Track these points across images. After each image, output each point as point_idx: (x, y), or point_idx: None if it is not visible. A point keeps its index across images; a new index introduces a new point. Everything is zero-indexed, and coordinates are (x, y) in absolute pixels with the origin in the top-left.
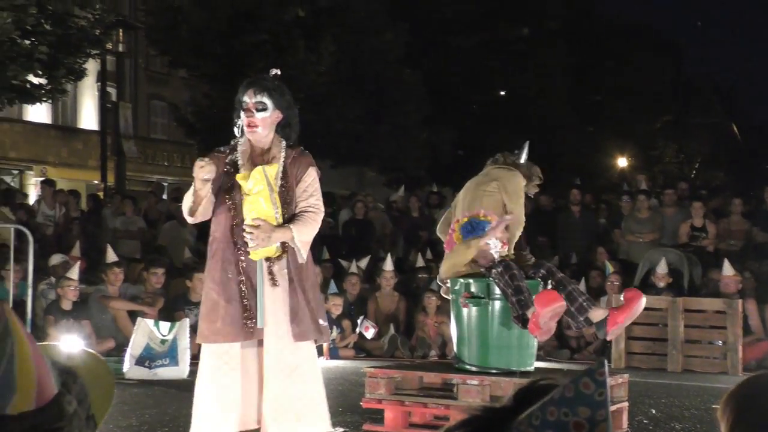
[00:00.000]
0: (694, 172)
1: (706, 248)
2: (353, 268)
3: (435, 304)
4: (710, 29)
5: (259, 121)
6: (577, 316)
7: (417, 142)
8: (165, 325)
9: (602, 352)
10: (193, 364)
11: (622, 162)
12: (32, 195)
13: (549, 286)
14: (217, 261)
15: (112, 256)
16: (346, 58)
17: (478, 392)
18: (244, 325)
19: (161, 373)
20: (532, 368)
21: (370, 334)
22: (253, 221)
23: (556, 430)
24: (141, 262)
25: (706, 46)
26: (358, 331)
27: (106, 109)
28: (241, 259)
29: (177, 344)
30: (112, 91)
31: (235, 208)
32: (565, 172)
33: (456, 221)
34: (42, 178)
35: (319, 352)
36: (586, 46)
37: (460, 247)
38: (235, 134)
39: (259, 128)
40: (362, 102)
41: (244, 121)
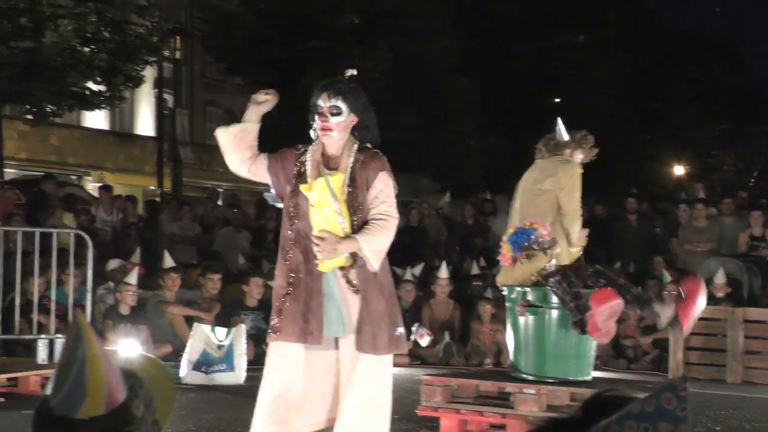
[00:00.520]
0: (753, 180)
1: (766, 258)
2: (408, 275)
3: (490, 312)
4: None
5: (333, 126)
6: (646, 308)
7: (471, 150)
8: (221, 331)
9: (659, 361)
10: (249, 370)
11: (679, 170)
12: None
13: None
14: (285, 262)
15: (169, 262)
16: (401, 65)
17: (534, 401)
18: (304, 330)
19: (218, 379)
20: (590, 378)
21: (425, 342)
22: (319, 233)
23: None
24: (197, 267)
25: (766, 52)
26: (413, 338)
27: (163, 116)
28: (308, 265)
29: (233, 350)
30: (168, 97)
31: (298, 213)
32: (621, 181)
33: (508, 231)
34: (99, 184)
35: None
36: (642, 53)
37: (537, 252)
38: (311, 137)
39: (333, 132)
40: (417, 109)
41: (318, 126)
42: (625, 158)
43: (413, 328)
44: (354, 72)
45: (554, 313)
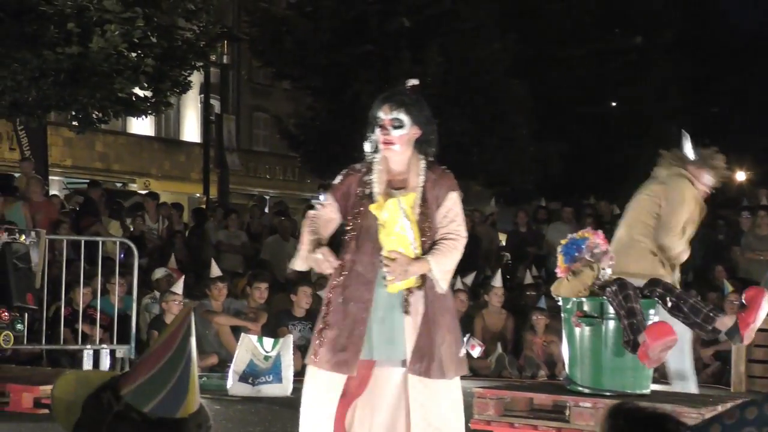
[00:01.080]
0: None
1: None
2: (459, 285)
3: (544, 323)
4: None
5: (395, 139)
6: (705, 326)
7: (524, 155)
8: (268, 341)
9: (721, 374)
10: (296, 381)
11: (741, 176)
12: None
13: (669, 304)
14: (340, 286)
15: (215, 271)
16: (452, 69)
17: (591, 415)
18: (342, 359)
19: (265, 390)
20: (648, 391)
21: (476, 353)
22: (389, 254)
23: None
24: (244, 276)
25: None
26: (465, 349)
27: (209, 122)
28: (367, 287)
29: (281, 361)
30: (215, 103)
31: (363, 235)
32: None
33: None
34: (145, 191)
35: None
36: (703, 55)
37: (584, 268)
38: (365, 149)
39: (395, 146)
40: (469, 114)
41: (380, 139)
42: None
43: (464, 339)
44: (416, 82)
45: (611, 325)
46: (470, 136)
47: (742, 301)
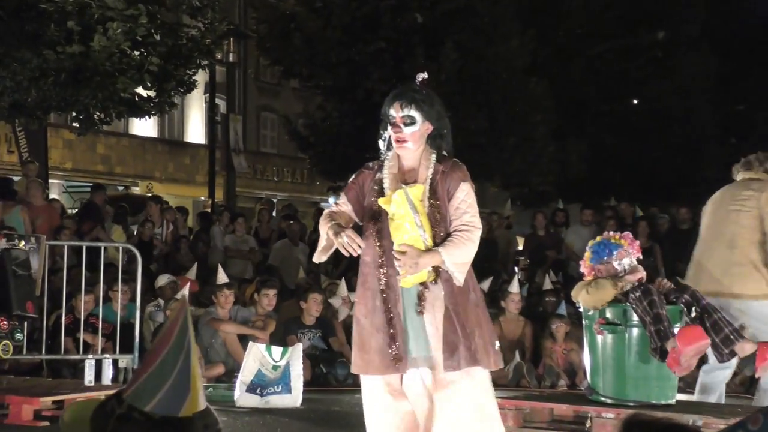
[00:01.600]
0: None
1: None
2: None
3: (564, 330)
4: None
5: (408, 136)
6: (722, 348)
7: (544, 156)
8: (277, 350)
9: (749, 384)
10: (306, 392)
11: None
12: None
13: (693, 314)
14: (366, 288)
15: (222, 277)
16: (468, 67)
17: (614, 426)
18: (392, 357)
19: (273, 401)
20: (674, 401)
21: None
22: (400, 247)
23: None
24: (252, 283)
25: None
26: None
27: (215, 122)
28: (387, 285)
29: (290, 371)
30: (221, 103)
31: (381, 231)
32: (708, 187)
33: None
34: (148, 194)
35: None
36: (729, 50)
37: (607, 282)
38: (380, 148)
39: (408, 143)
40: (485, 113)
41: (392, 137)
42: (711, 163)
43: None
44: (425, 75)
45: (635, 332)
46: (487, 136)
47: None
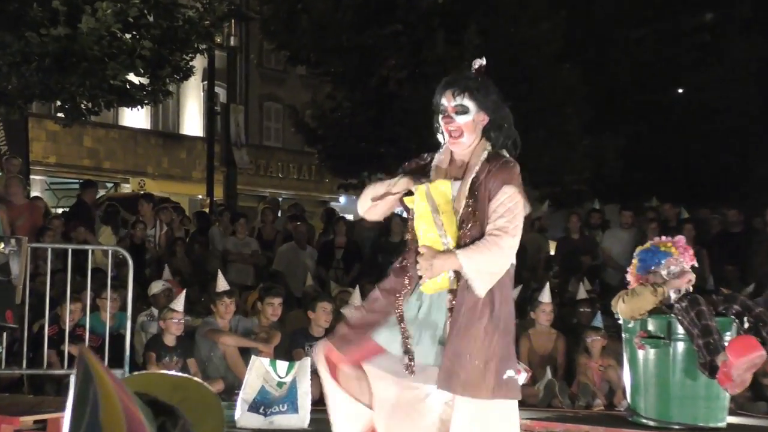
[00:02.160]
0: None
1: None
2: None
3: (600, 344)
4: None
5: (462, 126)
6: None
7: (577, 151)
8: (282, 365)
9: None
10: (314, 411)
11: None
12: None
13: (745, 324)
14: (384, 293)
15: (222, 284)
16: (493, 53)
17: None
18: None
19: (278, 421)
20: (723, 424)
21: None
22: (420, 249)
23: None
24: (255, 290)
25: None
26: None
27: (214, 113)
28: (405, 288)
29: (296, 387)
30: (220, 91)
31: (411, 228)
32: (758, 186)
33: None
34: (140, 192)
35: None
36: None
37: (644, 289)
38: (439, 141)
39: (463, 138)
40: (512, 104)
41: (444, 129)
42: (764, 161)
43: None
44: (483, 62)
45: (680, 346)
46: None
47: None
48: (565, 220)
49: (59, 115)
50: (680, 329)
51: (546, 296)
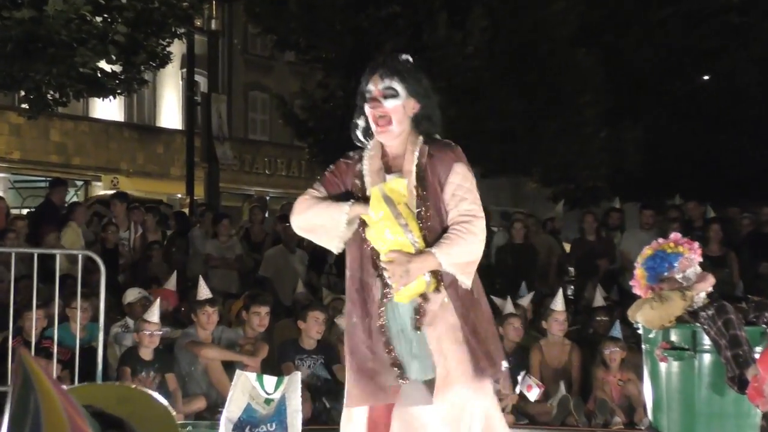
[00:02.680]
0: None
1: None
2: (510, 308)
3: (619, 356)
4: None
5: (389, 111)
6: None
7: (593, 144)
8: (270, 381)
9: None
10: (305, 430)
11: None
12: None
13: None
14: (352, 302)
15: (204, 292)
16: (501, 36)
17: None
18: (375, 388)
19: None
20: None
21: (533, 395)
22: (387, 256)
23: None
24: (240, 298)
25: None
26: (519, 390)
27: (194, 104)
28: (372, 299)
29: (285, 405)
30: (201, 80)
31: (360, 239)
32: None
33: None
34: (112, 191)
35: None
36: None
37: (674, 294)
38: (356, 139)
39: (392, 125)
40: (522, 92)
41: (370, 117)
42: None
43: (519, 378)
44: (409, 57)
45: (706, 358)
46: (523, 121)
47: None
48: (580, 221)
49: (23, 106)
50: (706, 340)
51: (559, 304)
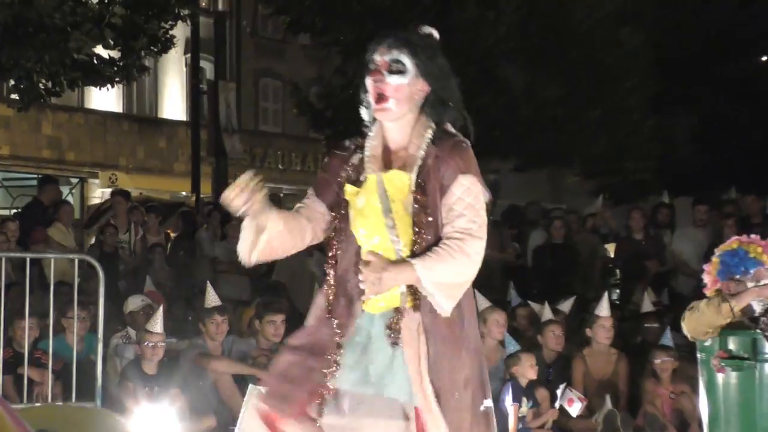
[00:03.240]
0: None
1: None
2: (549, 314)
3: (671, 367)
4: None
5: (391, 90)
6: None
7: (640, 133)
8: None
9: None
10: None
11: None
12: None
13: None
14: (321, 307)
15: (212, 299)
16: (536, 14)
17: None
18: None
19: None
20: None
21: (576, 410)
22: (365, 256)
23: None
24: (252, 305)
25: None
26: (560, 404)
27: (199, 92)
28: (348, 305)
29: None
30: (207, 66)
31: (346, 237)
32: None
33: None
34: (111, 189)
35: None
36: None
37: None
38: (364, 119)
39: (389, 103)
40: (560, 76)
41: (371, 91)
42: None
43: (559, 391)
44: (434, 31)
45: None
46: (563, 107)
47: None
48: (627, 217)
49: (13, 96)
50: None
51: (605, 309)
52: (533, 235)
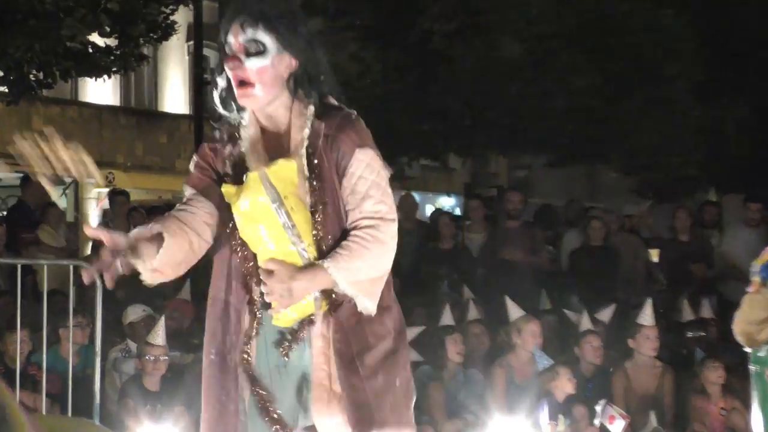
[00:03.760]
0: None
1: None
2: (588, 324)
3: (721, 381)
4: None
5: (254, 75)
6: None
7: (685, 125)
8: None
9: None
10: None
11: None
12: (93, 215)
13: None
14: (211, 334)
15: None
16: None
17: None
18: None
19: None
20: None
21: (617, 428)
22: (266, 264)
23: None
24: None
25: None
26: (600, 422)
27: (203, 83)
28: (239, 329)
29: None
30: (210, 54)
31: (233, 237)
32: None
33: None
34: (107, 189)
35: None
36: None
37: (753, 294)
38: (217, 106)
39: (255, 89)
40: (598, 64)
41: (232, 79)
42: None
43: (598, 407)
44: None
45: None
46: (600, 98)
47: None
48: (671, 217)
49: (1, 89)
50: None
51: (648, 318)
52: (568, 237)
